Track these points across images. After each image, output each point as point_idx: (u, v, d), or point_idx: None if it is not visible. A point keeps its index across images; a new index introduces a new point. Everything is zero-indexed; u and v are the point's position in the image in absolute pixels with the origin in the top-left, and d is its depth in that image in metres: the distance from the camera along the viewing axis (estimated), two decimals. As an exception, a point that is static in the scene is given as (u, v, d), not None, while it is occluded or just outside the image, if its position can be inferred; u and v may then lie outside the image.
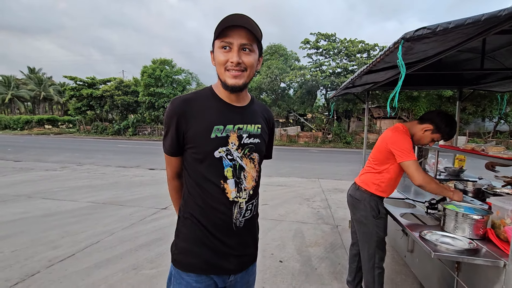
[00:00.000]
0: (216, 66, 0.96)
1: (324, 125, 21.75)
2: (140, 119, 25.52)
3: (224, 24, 0.88)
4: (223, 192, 0.98)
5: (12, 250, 2.94)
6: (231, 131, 0.98)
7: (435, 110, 1.98)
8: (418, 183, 1.74)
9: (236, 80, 0.93)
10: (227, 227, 1.00)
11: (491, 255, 1.42)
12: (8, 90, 38.11)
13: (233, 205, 1.00)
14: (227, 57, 0.92)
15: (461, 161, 3.67)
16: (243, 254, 1.06)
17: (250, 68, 0.95)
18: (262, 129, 1.08)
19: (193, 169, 0.99)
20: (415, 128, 1.95)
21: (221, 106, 1.00)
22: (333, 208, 4.82)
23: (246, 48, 0.93)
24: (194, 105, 0.98)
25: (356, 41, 20.18)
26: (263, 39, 1.00)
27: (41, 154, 11.48)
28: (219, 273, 1.02)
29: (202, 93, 1.02)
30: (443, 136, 1.91)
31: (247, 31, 0.90)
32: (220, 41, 0.92)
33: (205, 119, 0.97)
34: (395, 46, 1.42)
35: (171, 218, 4.02)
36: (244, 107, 1.04)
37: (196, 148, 0.97)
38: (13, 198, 4.92)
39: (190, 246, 1.01)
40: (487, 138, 18.75)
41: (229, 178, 0.98)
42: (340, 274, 2.67)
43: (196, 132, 0.96)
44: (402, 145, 1.81)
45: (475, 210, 1.67)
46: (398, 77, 2.57)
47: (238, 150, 0.99)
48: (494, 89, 3.26)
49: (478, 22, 1.20)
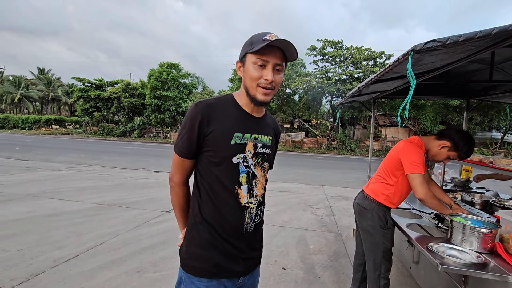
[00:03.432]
0: (246, 79, 0.99)
1: (329, 132, 21.71)
2: (146, 122, 25.75)
3: (264, 43, 0.91)
4: (237, 197, 1.02)
5: (18, 249, 2.98)
6: (249, 140, 1.03)
7: (455, 128, 1.95)
8: (419, 196, 1.74)
9: (266, 97, 0.99)
10: (238, 231, 1.04)
11: (500, 270, 1.40)
12: (18, 90, 38.80)
13: (245, 210, 1.04)
14: (261, 73, 0.96)
15: (468, 172, 3.63)
16: (251, 257, 1.10)
17: (277, 86, 1.00)
18: (272, 141, 1.14)
19: (208, 172, 1.01)
20: (432, 143, 1.92)
21: (241, 114, 1.04)
22: (337, 216, 4.78)
23: (278, 68, 0.98)
24: (217, 110, 1.01)
25: (363, 49, 20.21)
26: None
27: (48, 154, 11.63)
28: (229, 276, 1.04)
29: (224, 100, 1.05)
30: (459, 155, 1.87)
31: (281, 52, 0.96)
32: (257, 57, 0.94)
33: (227, 125, 1.00)
34: (404, 57, 1.43)
35: (175, 221, 3.99)
36: (260, 118, 1.09)
37: (214, 152, 0.99)
38: (20, 197, 4.99)
39: (201, 251, 1.02)
40: (494, 148, 18.51)
41: (243, 184, 1.02)
42: (344, 283, 2.64)
43: (217, 137, 0.98)
44: (412, 157, 1.79)
45: (483, 223, 1.65)
46: (406, 86, 2.57)
47: (253, 158, 1.04)
48: (503, 100, 3.24)
49: (489, 36, 1.21)
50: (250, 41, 0.96)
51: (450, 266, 1.42)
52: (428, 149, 1.93)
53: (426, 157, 1.96)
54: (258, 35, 0.96)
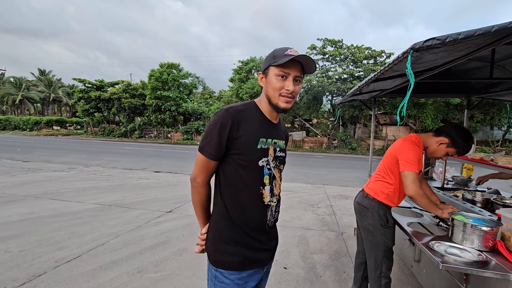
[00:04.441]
0: (267, 89, 1.10)
1: (329, 131, 21.68)
2: (146, 122, 25.77)
3: (287, 57, 1.01)
4: (261, 197, 1.12)
5: (20, 250, 2.99)
6: (270, 144, 1.13)
7: (453, 124, 1.94)
8: (410, 193, 1.76)
9: (287, 105, 1.09)
10: (262, 227, 1.14)
11: (501, 268, 1.40)
12: (19, 91, 38.91)
13: (267, 208, 1.15)
14: (283, 84, 1.06)
15: (469, 170, 3.62)
16: (271, 247, 1.22)
17: (296, 95, 1.10)
18: (285, 145, 1.25)
19: (234, 173, 1.09)
20: (430, 140, 1.92)
21: (264, 121, 1.14)
22: (338, 215, 4.78)
23: (297, 80, 1.08)
24: (245, 116, 1.10)
25: (363, 48, 20.18)
26: (268, 45, 1.08)
27: (49, 155, 11.66)
28: (257, 267, 1.15)
29: (250, 107, 1.14)
30: (458, 151, 1.87)
31: (300, 65, 1.07)
32: (279, 70, 1.05)
33: (254, 130, 1.09)
34: (404, 56, 1.42)
35: (175, 221, 4.03)
36: (277, 124, 1.20)
37: (242, 155, 1.07)
38: (21, 198, 5.00)
39: (229, 247, 1.11)
40: (496, 147, 18.45)
41: (267, 185, 1.13)
42: (345, 282, 2.64)
43: (245, 141, 1.07)
44: (408, 155, 1.80)
45: (484, 221, 1.65)
46: (406, 84, 2.57)
47: (273, 161, 1.14)
48: (504, 98, 3.23)
49: (488, 34, 1.21)
50: (273, 55, 1.07)
51: (451, 265, 1.42)
52: (426, 146, 1.94)
53: (425, 154, 1.96)
54: (280, 49, 1.06)
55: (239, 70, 23.48)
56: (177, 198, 5.43)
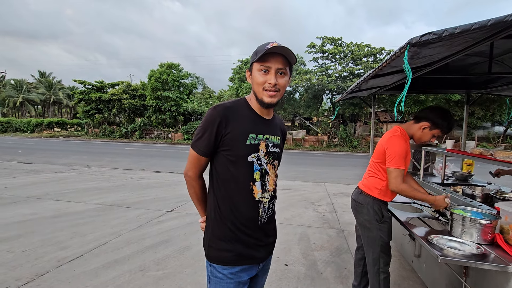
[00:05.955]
0: (253, 85, 1.11)
1: (330, 129, 21.67)
2: (147, 122, 25.79)
3: (265, 51, 1.01)
4: (251, 193, 1.12)
5: (23, 250, 3.01)
6: (261, 140, 1.13)
7: (428, 107, 1.97)
8: (392, 188, 1.84)
9: (272, 99, 1.09)
10: (254, 223, 1.14)
11: (500, 260, 1.41)
12: (20, 94, 38.98)
13: (259, 204, 1.14)
14: (265, 78, 1.06)
15: (469, 165, 3.62)
16: (268, 243, 1.22)
17: (282, 88, 1.10)
18: (280, 140, 1.25)
19: (224, 169, 1.10)
20: (413, 128, 1.97)
21: (254, 117, 1.14)
22: (339, 212, 4.79)
23: (281, 72, 1.07)
24: (234, 112, 1.10)
25: (363, 45, 20.14)
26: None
27: (51, 157, 11.69)
28: (252, 262, 1.16)
29: (239, 103, 1.15)
30: (442, 130, 1.92)
31: (283, 57, 1.06)
32: (260, 64, 1.05)
33: (242, 126, 1.10)
34: (401, 51, 1.43)
35: (177, 220, 4.05)
36: (270, 120, 1.19)
37: (231, 151, 1.08)
38: (23, 199, 5.03)
39: (223, 243, 1.12)
40: (497, 143, 18.41)
41: (257, 181, 1.12)
42: (346, 278, 2.65)
43: (234, 137, 1.08)
44: (394, 151, 1.83)
45: (483, 215, 1.65)
46: (405, 81, 2.57)
47: (265, 157, 1.14)
48: (503, 93, 3.23)
49: (485, 27, 1.21)
50: (255, 52, 1.08)
51: (450, 258, 1.43)
52: (411, 134, 1.98)
53: (414, 142, 2.01)
54: (262, 45, 1.06)
55: (238, 70, 23.47)
56: (178, 198, 5.44)
